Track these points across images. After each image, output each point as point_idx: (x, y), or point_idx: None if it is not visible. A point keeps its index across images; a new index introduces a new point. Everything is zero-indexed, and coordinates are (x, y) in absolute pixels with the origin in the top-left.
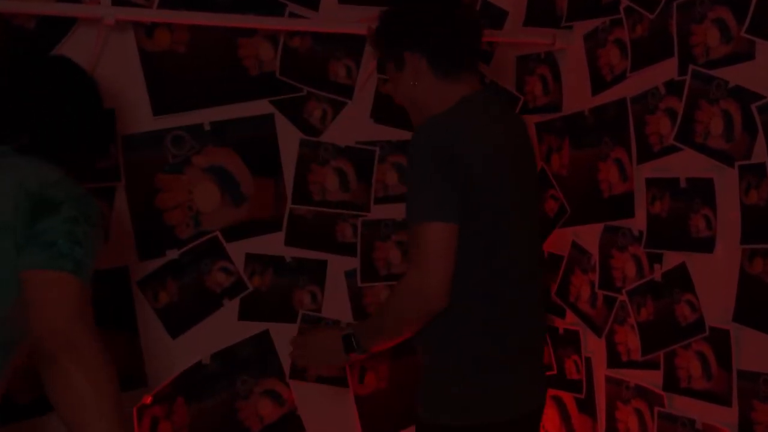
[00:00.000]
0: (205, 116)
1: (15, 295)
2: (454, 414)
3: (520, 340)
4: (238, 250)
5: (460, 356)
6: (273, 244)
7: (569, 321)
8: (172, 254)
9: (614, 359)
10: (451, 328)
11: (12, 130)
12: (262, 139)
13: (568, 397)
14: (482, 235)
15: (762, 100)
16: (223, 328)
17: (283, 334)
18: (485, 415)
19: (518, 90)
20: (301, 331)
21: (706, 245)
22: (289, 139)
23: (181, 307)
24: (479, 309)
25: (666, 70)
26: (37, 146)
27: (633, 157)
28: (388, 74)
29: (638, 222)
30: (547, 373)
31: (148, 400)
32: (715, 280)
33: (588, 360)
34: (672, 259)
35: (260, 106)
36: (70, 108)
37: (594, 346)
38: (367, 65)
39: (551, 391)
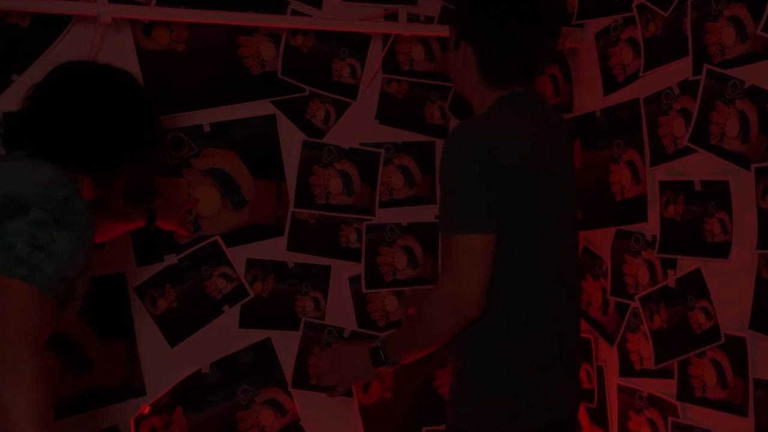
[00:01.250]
0: (205, 117)
1: None
2: (483, 422)
3: (556, 350)
4: (238, 255)
5: (492, 365)
6: (275, 249)
7: (580, 328)
8: (171, 259)
9: (627, 368)
10: (485, 335)
11: (23, 136)
12: (263, 140)
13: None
14: (519, 241)
15: None
16: (224, 336)
17: (285, 342)
18: (516, 424)
19: None
20: (324, 346)
21: (722, 250)
22: (291, 140)
23: (180, 314)
24: (514, 317)
25: (680, 69)
26: (45, 151)
27: (646, 159)
28: (449, 44)
29: (651, 226)
30: None
31: (146, 409)
32: (730, 286)
33: (600, 369)
34: (686, 264)
35: (262, 107)
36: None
37: (606, 355)
38: (372, 64)
39: None
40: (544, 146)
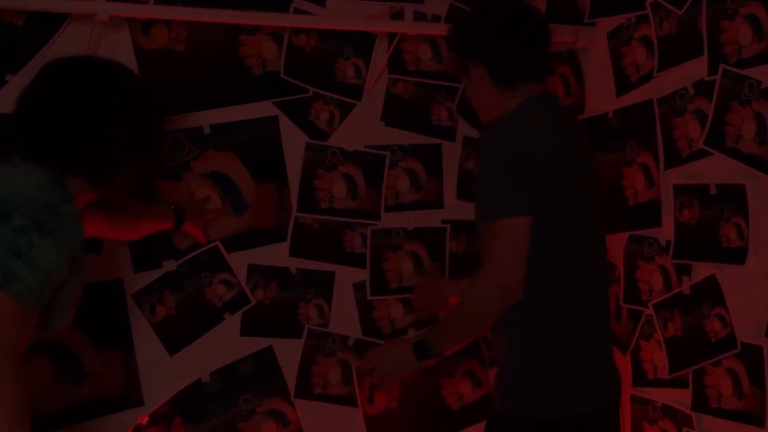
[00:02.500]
0: (205, 119)
1: None
2: (531, 406)
3: (594, 333)
4: (239, 261)
5: (538, 349)
6: (277, 254)
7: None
8: (170, 266)
9: (640, 377)
10: (528, 321)
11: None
12: (265, 142)
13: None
14: (554, 229)
15: None
16: (224, 344)
17: (287, 351)
18: (563, 407)
19: None
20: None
21: (738, 256)
22: (294, 143)
23: (179, 321)
24: (553, 301)
25: (695, 69)
26: (37, 153)
27: (660, 162)
28: (460, 74)
29: (665, 231)
30: None
31: (144, 420)
32: (747, 293)
33: None
34: (701, 270)
35: (263, 108)
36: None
37: (618, 363)
38: (377, 64)
39: None
40: (569, 143)
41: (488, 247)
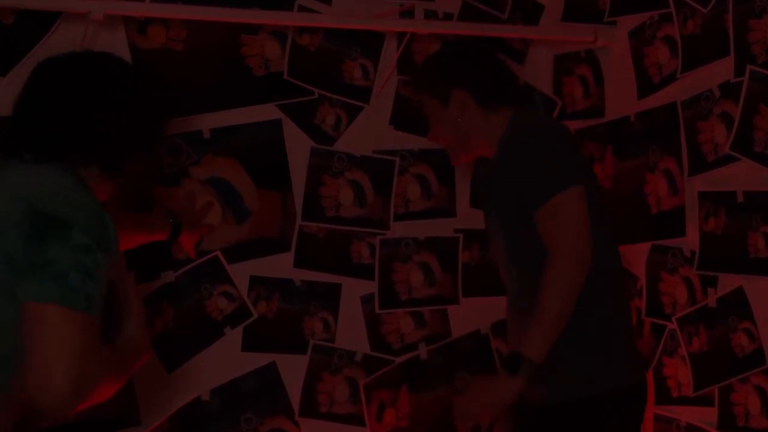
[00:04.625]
0: (205, 122)
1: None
2: (587, 380)
3: (629, 313)
4: (241, 273)
5: (593, 324)
6: (280, 265)
7: None
8: (168, 277)
9: (663, 395)
10: (586, 299)
11: (28, 140)
12: (268, 147)
13: None
14: (596, 208)
15: None
16: (225, 360)
17: (291, 367)
18: (618, 379)
19: (555, 93)
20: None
21: (766, 267)
22: (298, 147)
23: (177, 336)
24: (606, 274)
25: (721, 70)
26: (50, 149)
27: (684, 168)
28: (429, 111)
29: (690, 241)
30: None
31: None
32: None
33: None
34: (728, 282)
35: (266, 111)
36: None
37: None
38: (386, 65)
39: None
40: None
41: (553, 227)
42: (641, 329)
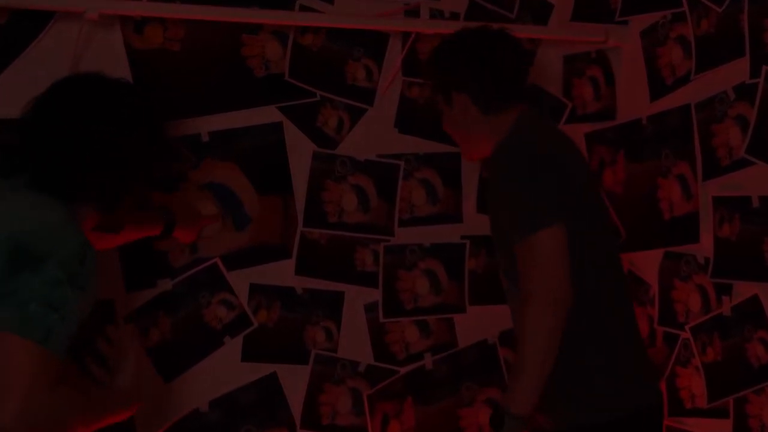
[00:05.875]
0: (203, 125)
1: None
2: (591, 409)
3: (635, 341)
4: (241, 280)
5: (588, 356)
6: (281, 273)
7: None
8: (165, 285)
9: (676, 406)
10: (579, 329)
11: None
12: (268, 151)
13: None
14: (585, 235)
15: None
16: (224, 371)
17: (292, 378)
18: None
19: (565, 95)
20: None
21: None
22: (300, 151)
23: (175, 346)
24: (597, 303)
25: (736, 71)
26: (47, 180)
27: (698, 172)
28: (438, 105)
29: (704, 248)
30: None
31: None
32: None
33: None
34: (743, 290)
35: (267, 114)
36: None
37: None
38: (391, 66)
39: None
40: (578, 152)
41: (529, 266)
42: (653, 338)
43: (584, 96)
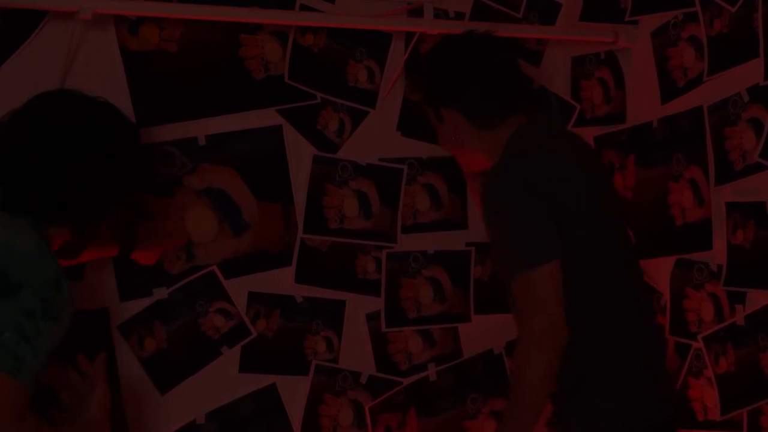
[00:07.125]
0: (200, 128)
1: None
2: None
3: (646, 355)
4: (239, 289)
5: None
6: (281, 281)
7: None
8: (161, 293)
9: (688, 419)
10: (589, 344)
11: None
12: (268, 155)
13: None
14: (587, 260)
15: None
16: (221, 382)
17: (292, 389)
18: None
19: (573, 97)
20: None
21: None
22: (300, 155)
23: (171, 356)
24: (596, 333)
25: (750, 73)
26: (21, 202)
27: (710, 177)
28: (431, 122)
29: (717, 255)
30: None
31: None
32: None
33: None
34: (757, 299)
35: (266, 116)
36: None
37: None
38: (393, 67)
39: None
40: (580, 162)
41: (520, 304)
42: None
43: (593, 98)
